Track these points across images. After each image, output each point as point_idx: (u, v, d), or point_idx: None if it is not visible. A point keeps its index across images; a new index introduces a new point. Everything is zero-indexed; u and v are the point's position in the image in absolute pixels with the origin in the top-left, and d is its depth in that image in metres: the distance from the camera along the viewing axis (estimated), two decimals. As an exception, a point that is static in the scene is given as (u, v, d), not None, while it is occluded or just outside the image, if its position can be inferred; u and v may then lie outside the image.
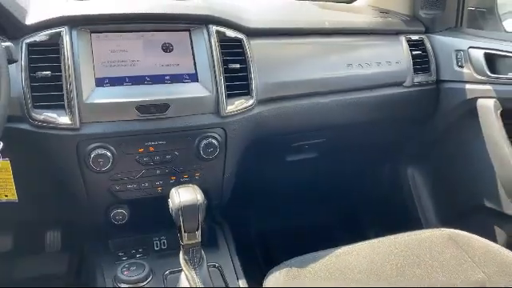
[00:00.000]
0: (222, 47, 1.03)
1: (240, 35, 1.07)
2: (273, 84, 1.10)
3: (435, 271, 0.92)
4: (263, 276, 0.94)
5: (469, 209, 1.39)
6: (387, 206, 1.63)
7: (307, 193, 1.52)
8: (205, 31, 1.03)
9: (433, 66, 1.34)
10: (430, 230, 1.07)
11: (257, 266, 1.02)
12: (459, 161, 1.39)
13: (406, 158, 1.58)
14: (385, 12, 1.45)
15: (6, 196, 0.91)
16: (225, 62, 1.03)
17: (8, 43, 0.78)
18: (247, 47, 1.07)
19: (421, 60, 1.33)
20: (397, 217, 1.56)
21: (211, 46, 1.01)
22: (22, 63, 0.89)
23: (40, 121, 0.90)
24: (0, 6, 0.87)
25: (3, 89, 0.72)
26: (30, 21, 0.93)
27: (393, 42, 1.32)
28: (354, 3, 1.59)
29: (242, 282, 1.00)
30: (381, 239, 1.02)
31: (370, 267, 0.93)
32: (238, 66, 1.04)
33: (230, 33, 1.06)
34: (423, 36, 1.37)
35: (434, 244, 0.99)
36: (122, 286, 0.94)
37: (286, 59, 1.15)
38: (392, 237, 1.03)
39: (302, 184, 1.49)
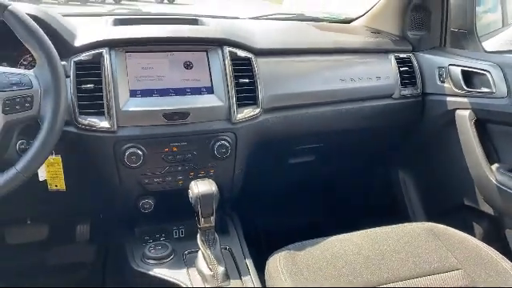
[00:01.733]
0: (233, 65, 1.18)
1: (249, 54, 1.22)
2: (276, 95, 1.25)
3: (414, 255, 1.03)
4: (266, 258, 1.06)
5: (451, 207, 1.51)
6: (379, 204, 1.75)
7: (307, 190, 1.65)
8: (220, 51, 1.18)
9: (418, 81, 1.48)
10: (414, 224, 1.18)
11: (261, 251, 1.16)
12: (442, 164, 1.50)
13: (396, 161, 1.70)
14: (377, 32, 1.59)
15: (56, 186, 1.08)
16: (236, 77, 1.17)
17: (64, 62, 0.95)
18: (255, 65, 1.21)
19: (408, 75, 1.47)
20: (387, 214, 1.68)
21: (225, 64, 1.16)
22: (71, 78, 1.06)
23: (84, 125, 1.06)
24: (56, 32, 1.06)
25: (63, 97, 0.90)
26: (77, 43, 1.10)
27: (383, 59, 1.46)
28: (352, 23, 1.73)
29: (249, 262, 1.13)
30: (370, 229, 1.13)
31: (359, 252, 1.04)
32: (247, 80, 1.19)
33: (241, 53, 1.21)
34: (410, 54, 1.51)
35: (415, 234, 1.11)
36: (150, 261, 1.11)
37: (288, 74, 1.30)
38: (380, 228, 1.13)
39: (303, 183, 1.61)
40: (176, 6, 8.13)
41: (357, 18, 1.73)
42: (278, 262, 1.02)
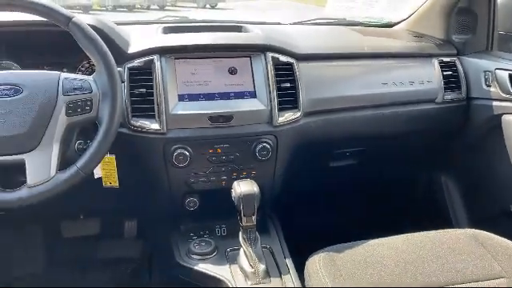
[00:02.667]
0: (275, 69, 1.21)
1: (291, 60, 1.24)
2: (317, 99, 1.27)
3: (455, 262, 1.02)
4: (305, 259, 1.07)
5: (496, 213, 1.47)
6: (420, 209, 1.72)
7: (347, 193, 1.65)
8: (262, 57, 1.21)
9: (463, 85, 1.46)
10: (457, 230, 1.16)
11: (300, 251, 1.18)
12: (487, 169, 1.47)
13: (438, 165, 1.67)
14: (420, 36, 1.58)
15: (110, 183, 1.16)
16: (278, 82, 1.20)
17: (119, 68, 1.01)
18: (296, 69, 1.23)
19: (452, 79, 1.45)
20: (429, 219, 1.66)
21: (267, 69, 1.20)
22: (126, 83, 1.12)
23: (136, 126, 1.13)
24: (112, 41, 1.13)
25: (119, 101, 0.97)
26: (130, 50, 1.17)
27: (426, 63, 1.45)
28: (394, 27, 1.72)
29: (289, 261, 1.15)
30: (410, 234, 1.12)
31: (399, 256, 1.04)
32: (288, 84, 1.22)
33: (283, 58, 1.23)
34: (455, 58, 1.49)
35: (458, 240, 1.09)
36: (194, 257, 1.16)
37: (329, 79, 1.32)
38: (421, 233, 1.12)
39: (343, 186, 1.62)
40: (218, 11, 8.30)
41: (399, 22, 1.72)
42: (318, 263, 1.03)
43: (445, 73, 1.45)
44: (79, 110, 0.94)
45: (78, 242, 1.70)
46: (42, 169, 0.92)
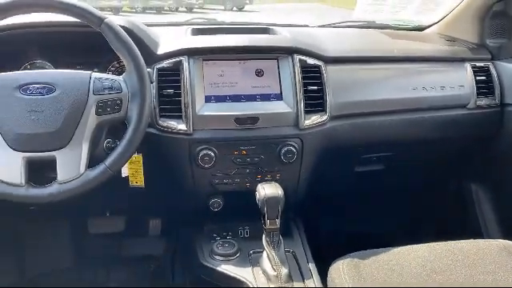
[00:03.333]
0: (303, 72, 1.20)
1: (319, 62, 1.23)
2: (344, 103, 1.26)
3: (484, 273, 0.98)
4: (328, 264, 1.06)
5: None
6: (449, 218, 1.68)
7: (373, 199, 1.63)
8: (290, 59, 1.21)
9: (497, 91, 1.42)
10: (487, 240, 1.12)
11: (323, 256, 1.16)
12: None
13: (469, 173, 1.62)
14: (452, 40, 1.54)
15: (136, 182, 1.18)
16: (304, 84, 1.20)
17: (149, 69, 1.02)
18: (324, 72, 1.22)
19: (485, 85, 1.41)
20: (457, 228, 1.62)
21: (294, 72, 1.19)
22: (154, 83, 1.14)
23: (164, 127, 1.14)
24: (142, 42, 1.15)
25: (148, 102, 0.98)
26: (160, 51, 1.19)
27: (457, 68, 1.42)
28: (425, 31, 1.69)
29: (312, 266, 1.14)
30: (438, 243, 1.08)
31: (425, 265, 1.01)
32: (315, 87, 1.21)
33: (311, 60, 1.23)
34: (489, 63, 1.44)
35: (488, 251, 1.05)
36: (217, 257, 1.16)
37: (357, 82, 1.30)
38: (449, 242, 1.09)
39: (369, 191, 1.60)
40: (245, 14, 8.35)
41: (430, 26, 1.68)
42: (341, 269, 1.02)
43: (478, 78, 1.41)
44: (109, 109, 0.96)
45: (103, 239, 1.73)
46: (71, 166, 0.94)
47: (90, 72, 0.99)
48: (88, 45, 1.12)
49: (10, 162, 0.92)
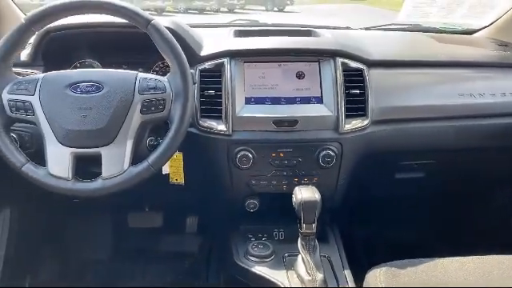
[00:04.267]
0: (344, 75, 1.18)
1: (361, 66, 1.22)
2: (387, 108, 1.23)
3: None
4: (364, 272, 1.03)
5: None
6: (494, 230, 1.60)
7: (412, 207, 1.58)
8: (332, 62, 1.19)
9: None
10: None
11: (359, 264, 1.14)
12: None
13: None
14: (504, 45, 1.47)
15: (177, 180, 1.21)
16: (346, 88, 1.18)
17: (192, 70, 1.05)
18: (367, 76, 1.20)
19: None
20: (504, 241, 1.54)
21: (336, 75, 1.18)
22: (197, 84, 1.17)
23: (204, 127, 1.16)
24: (186, 43, 1.18)
25: (190, 102, 1.00)
26: (203, 53, 1.21)
27: (509, 74, 1.35)
28: (474, 35, 1.63)
29: (348, 273, 1.13)
30: (482, 256, 1.03)
31: (467, 279, 0.96)
32: (357, 91, 1.19)
33: (353, 64, 1.21)
34: None
35: None
36: (252, 258, 1.17)
37: (401, 87, 1.27)
38: (494, 256, 1.03)
39: (409, 199, 1.55)
40: (286, 15, 8.34)
41: (480, 30, 1.62)
42: (378, 278, 1.00)
43: None
44: (153, 108, 0.99)
45: (142, 233, 1.79)
46: (116, 162, 0.97)
47: (136, 72, 1.03)
48: (134, 45, 1.15)
49: (59, 157, 0.97)
